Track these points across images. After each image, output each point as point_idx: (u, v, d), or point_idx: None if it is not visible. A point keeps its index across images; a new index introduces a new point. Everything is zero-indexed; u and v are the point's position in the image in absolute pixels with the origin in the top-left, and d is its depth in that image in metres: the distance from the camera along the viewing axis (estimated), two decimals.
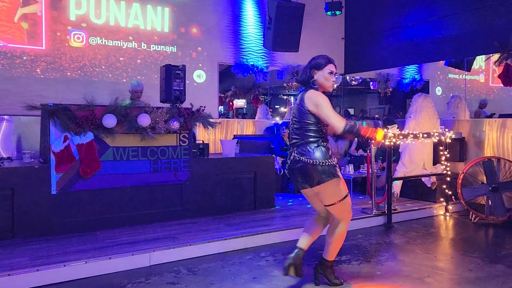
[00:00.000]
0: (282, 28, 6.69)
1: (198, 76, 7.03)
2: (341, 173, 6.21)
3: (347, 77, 8.91)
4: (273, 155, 6.16)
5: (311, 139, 2.90)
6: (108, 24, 6.27)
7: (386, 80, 8.59)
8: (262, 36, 7.39)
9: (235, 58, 7.33)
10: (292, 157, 2.96)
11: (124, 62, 6.41)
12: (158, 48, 6.66)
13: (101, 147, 4.33)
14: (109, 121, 4.26)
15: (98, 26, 6.21)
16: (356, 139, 3.34)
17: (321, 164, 2.84)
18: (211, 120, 5.00)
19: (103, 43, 6.24)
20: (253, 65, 7.37)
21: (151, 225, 4.51)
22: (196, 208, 4.91)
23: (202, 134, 6.28)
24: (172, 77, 4.82)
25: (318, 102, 2.83)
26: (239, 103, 11.07)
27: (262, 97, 9.89)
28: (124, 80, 6.35)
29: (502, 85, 6.16)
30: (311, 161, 2.85)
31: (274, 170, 5.87)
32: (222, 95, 9.34)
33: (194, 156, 4.97)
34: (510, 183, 5.31)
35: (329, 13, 7.43)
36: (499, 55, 5.67)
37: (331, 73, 2.96)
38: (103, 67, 6.26)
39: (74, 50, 6.06)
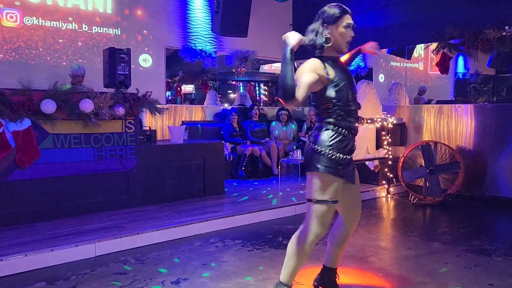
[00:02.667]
0: (231, 13, 6.61)
1: (144, 60, 6.81)
2: (289, 158, 6.37)
3: (295, 64, 9.00)
4: (223, 141, 6.14)
5: (317, 123, 2.35)
6: (45, 3, 5.88)
7: None
8: (210, 21, 7.27)
9: (183, 43, 7.17)
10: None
11: (64, 44, 6.06)
12: (100, 30, 6.36)
13: (39, 134, 4.10)
14: (48, 106, 4.03)
15: (34, 5, 5.81)
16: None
17: (315, 150, 2.29)
18: (158, 105, 4.89)
19: (40, 24, 5.86)
20: (201, 49, 7.24)
21: (96, 214, 4.35)
22: (144, 196, 4.81)
23: (149, 120, 6.12)
24: (116, 61, 4.63)
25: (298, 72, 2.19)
26: (187, 88, 10.88)
27: (210, 83, 9.77)
28: (64, 64, 6.02)
29: (439, 72, 6.50)
30: (310, 145, 2.33)
31: (224, 156, 5.86)
32: (170, 80, 9.12)
33: (141, 143, 4.84)
34: (446, 166, 5.66)
35: None
36: (437, 44, 5.98)
37: (349, 26, 2.27)
38: (41, 49, 5.88)
39: (7, 30, 5.64)
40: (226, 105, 8.62)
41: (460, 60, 9.95)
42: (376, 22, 6.70)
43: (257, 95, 12.78)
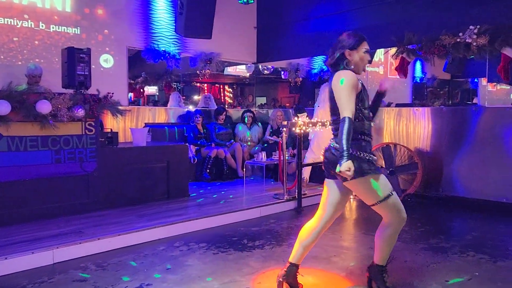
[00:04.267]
0: (194, 14, 6.56)
1: (105, 60, 6.63)
2: (254, 160, 6.38)
3: (260, 66, 9.05)
4: (187, 144, 6.08)
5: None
6: None
7: (296, 70, 8.85)
8: (174, 21, 7.18)
9: (146, 43, 7.04)
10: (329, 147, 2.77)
11: (19, 42, 5.81)
12: (59, 29, 6.14)
13: None
14: (2, 107, 3.85)
15: None
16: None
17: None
18: (120, 107, 4.77)
19: None
20: (164, 51, 7.13)
21: (54, 220, 4.19)
22: (105, 200, 4.68)
23: (110, 122, 5.95)
24: (76, 61, 4.50)
25: (339, 81, 2.48)
26: (151, 90, 10.70)
27: (174, 84, 9.65)
28: (20, 63, 5.77)
29: (398, 76, 6.70)
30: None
31: (188, 159, 5.80)
32: (132, 81, 8.93)
33: (102, 146, 4.71)
34: (405, 166, 5.85)
35: (241, 1, 7.44)
36: (396, 49, 6.16)
37: (367, 51, 2.61)
38: None
39: None
40: (190, 107, 8.53)
41: (418, 65, 10.31)
42: (338, 27, 6.82)
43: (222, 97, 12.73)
